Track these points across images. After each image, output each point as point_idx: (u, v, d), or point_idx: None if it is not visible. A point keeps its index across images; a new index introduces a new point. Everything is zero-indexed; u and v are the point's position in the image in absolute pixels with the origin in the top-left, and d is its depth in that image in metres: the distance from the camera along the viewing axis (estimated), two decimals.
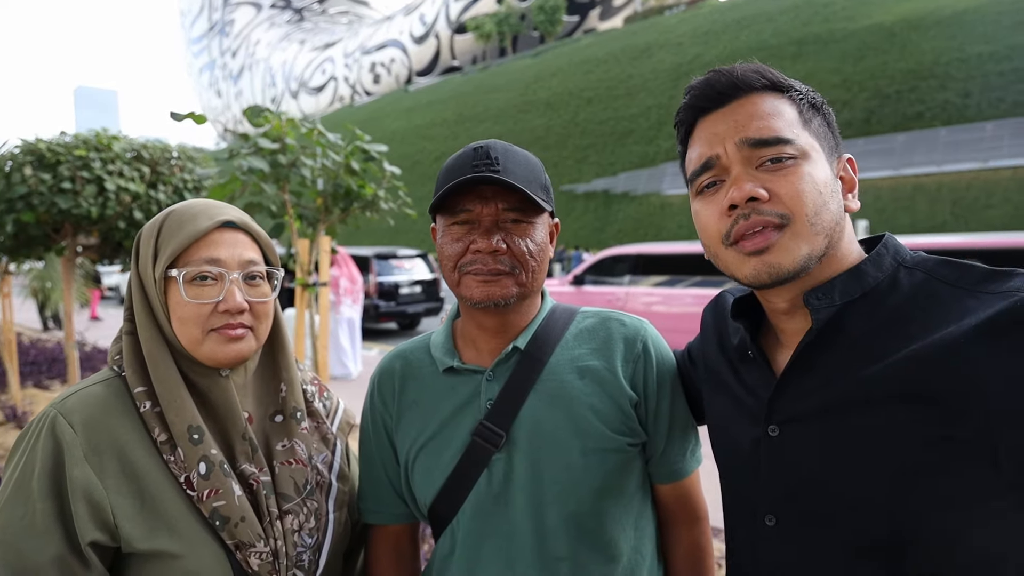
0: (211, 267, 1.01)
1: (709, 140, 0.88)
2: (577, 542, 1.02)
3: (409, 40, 79.57)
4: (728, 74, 0.87)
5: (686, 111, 0.92)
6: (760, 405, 0.89)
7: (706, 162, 0.88)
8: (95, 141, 5.05)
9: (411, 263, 13.52)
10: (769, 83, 0.87)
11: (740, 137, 0.84)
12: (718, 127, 0.87)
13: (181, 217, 1.04)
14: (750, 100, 0.86)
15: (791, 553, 0.84)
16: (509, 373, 1.07)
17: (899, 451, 0.75)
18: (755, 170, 0.84)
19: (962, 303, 0.76)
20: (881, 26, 31.99)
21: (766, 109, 0.85)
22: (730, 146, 0.85)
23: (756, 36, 37.15)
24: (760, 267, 0.83)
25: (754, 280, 0.85)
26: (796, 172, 0.82)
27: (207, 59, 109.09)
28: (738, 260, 0.85)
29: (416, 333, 13.33)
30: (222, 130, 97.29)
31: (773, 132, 0.83)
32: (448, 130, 49.97)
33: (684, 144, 0.95)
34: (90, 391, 0.99)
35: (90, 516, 0.89)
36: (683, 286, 8.05)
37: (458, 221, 1.04)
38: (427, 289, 13.38)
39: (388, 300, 12.59)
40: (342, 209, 3.76)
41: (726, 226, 0.85)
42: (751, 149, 0.84)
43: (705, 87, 0.89)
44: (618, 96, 41.01)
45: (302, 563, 1.03)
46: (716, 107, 0.88)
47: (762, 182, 0.83)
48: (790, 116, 0.85)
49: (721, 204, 0.86)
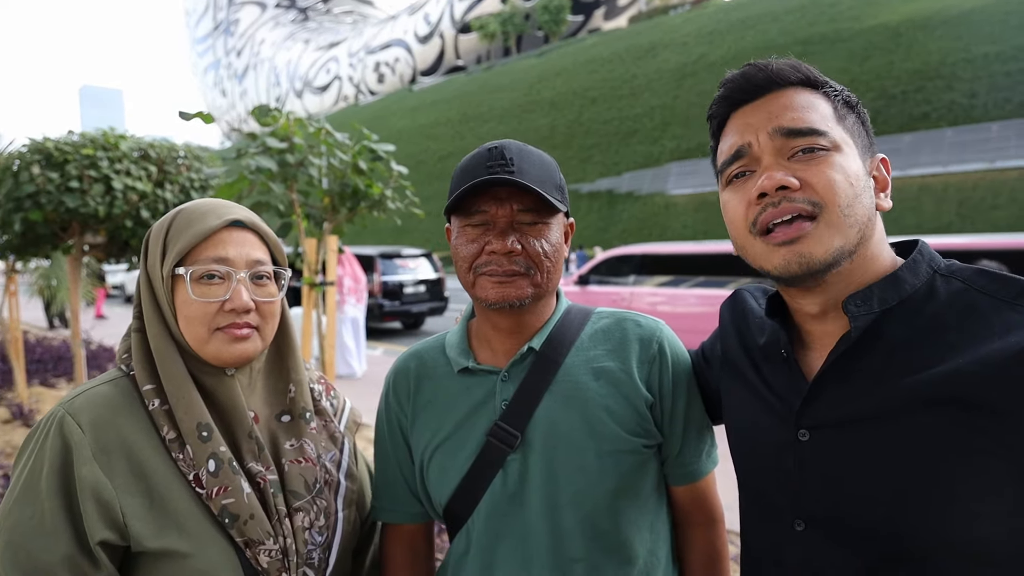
0: (218, 266, 1.00)
1: (741, 130, 0.88)
2: (592, 544, 1.02)
3: (413, 39, 79.64)
4: (764, 68, 0.87)
5: (720, 103, 0.92)
6: (788, 409, 0.88)
7: (737, 151, 0.88)
8: (102, 140, 5.06)
9: (415, 262, 13.51)
10: (804, 78, 0.87)
11: (773, 127, 0.84)
12: (751, 118, 0.87)
13: (190, 216, 1.03)
14: (785, 93, 0.86)
15: (820, 559, 0.84)
16: (524, 374, 1.07)
17: (937, 462, 0.74)
18: (787, 160, 0.83)
19: (1002, 316, 0.75)
20: (887, 26, 31.91)
21: (800, 102, 0.85)
22: (762, 136, 0.85)
23: (762, 36, 37.09)
24: (791, 257, 0.82)
25: (784, 271, 0.83)
26: (828, 162, 0.81)
27: (212, 58, 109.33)
28: (767, 250, 0.84)
29: (420, 332, 13.35)
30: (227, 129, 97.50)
31: (807, 123, 0.83)
32: (453, 129, 50.00)
33: (716, 138, 0.95)
34: (98, 391, 0.99)
35: (99, 515, 0.89)
36: (687, 286, 8.04)
37: (473, 222, 1.03)
38: (431, 288, 13.37)
39: (392, 299, 12.58)
40: (349, 208, 3.76)
41: (754, 213, 0.85)
42: (784, 139, 0.83)
43: (741, 80, 0.89)
44: (623, 96, 40.98)
45: (312, 561, 1.03)
46: (751, 99, 0.88)
47: (793, 172, 0.82)
48: (824, 110, 0.85)
49: (750, 193, 0.85)
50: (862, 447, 0.80)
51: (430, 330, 13.62)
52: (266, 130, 3.50)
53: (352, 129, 3.85)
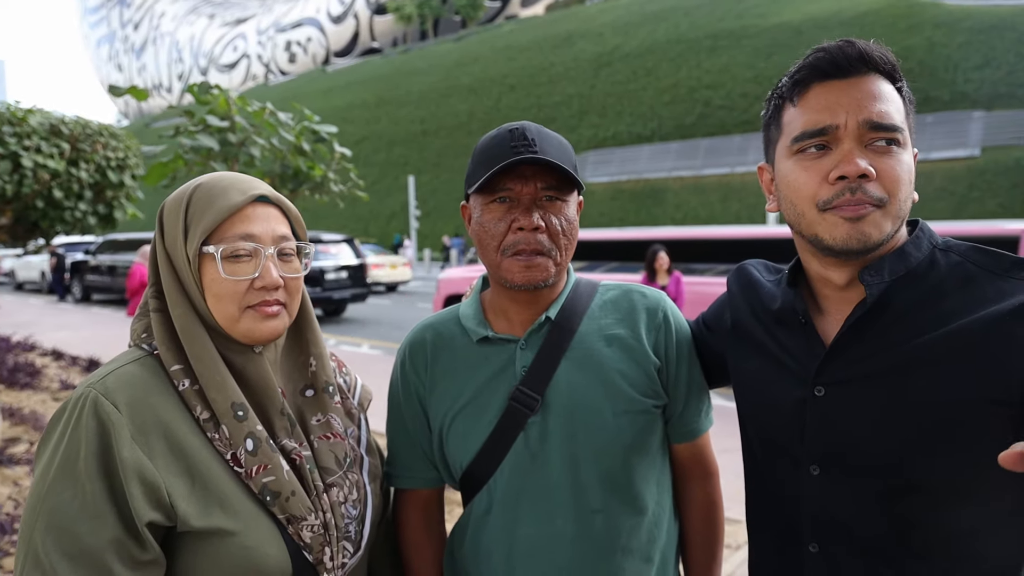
0: (246, 243, 1.00)
1: (830, 108, 0.91)
2: (610, 496, 1.10)
3: (327, 19, 77.19)
4: (860, 48, 0.91)
5: (808, 70, 0.94)
6: (804, 368, 0.99)
7: (822, 128, 0.91)
8: (8, 114, 4.73)
9: (336, 248, 13.22)
10: (891, 67, 0.92)
11: (863, 117, 0.89)
12: (841, 98, 0.90)
13: (211, 191, 1.02)
14: (872, 79, 0.91)
15: (836, 497, 0.96)
16: (541, 341, 1.14)
17: (937, 410, 0.87)
18: (864, 148, 0.90)
19: (996, 285, 0.88)
20: (790, 24, 33.51)
21: (887, 93, 0.91)
22: (852, 121, 0.89)
23: (674, 29, 38.16)
24: (853, 232, 0.89)
25: (844, 244, 0.90)
26: (898, 158, 0.90)
27: (106, 30, 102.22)
28: (832, 223, 0.91)
29: (342, 320, 13.10)
30: (123, 107, 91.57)
31: (892, 119, 0.89)
32: (369, 113, 48.94)
33: (788, 99, 0.97)
34: (127, 370, 0.96)
35: (145, 497, 0.88)
36: (602, 271, 8.32)
37: (497, 199, 1.09)
38: (353, 274, 13.13)
39: (313, 286, 12.28)
40: (291, 190, 3.68)
41: (829, 194, 0.91)
42: (870, 130, 0.89)
43: (836, 52, 0.91)
44: (540, 83, 41.28)
45: (348, 534, 1.05)
46: (839, 76, 0.91)
47: (870, 160, 0.89)
48: (900, 105, 0.92)
49: (826, 171, 0.91)
50: (871, 400, 0.92)
51: (352, 318, 13.40)
52: (202, 108, 3.37)
53: (291, 109, 3.77)
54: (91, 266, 16.34)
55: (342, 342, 10.36)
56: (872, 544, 0.93)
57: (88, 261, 16.49)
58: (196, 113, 3.33)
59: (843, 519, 0.95)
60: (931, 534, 0.89)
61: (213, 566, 0.92)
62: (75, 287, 16.90)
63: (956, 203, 24.19)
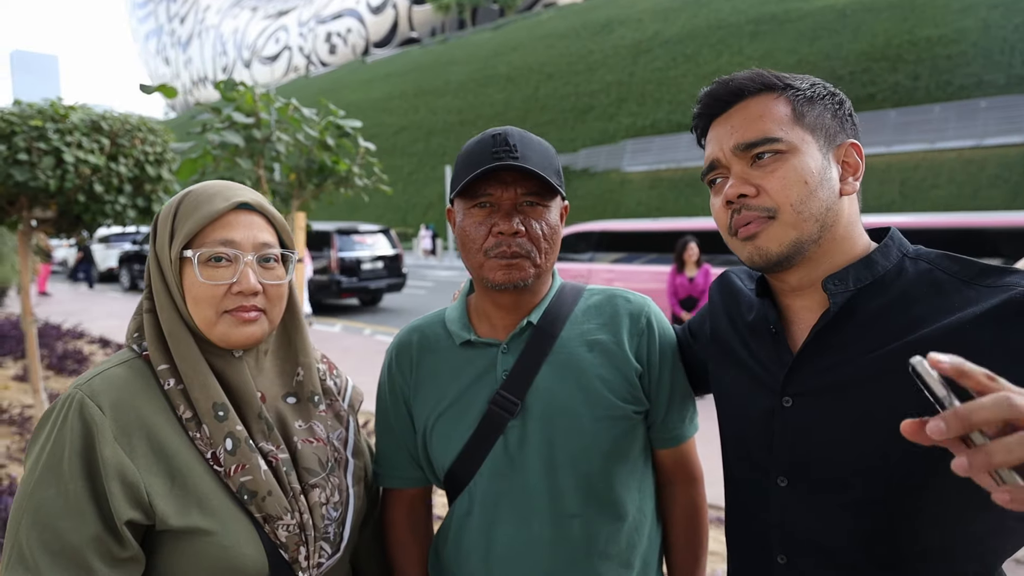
0: (226, 249, 1.02)
1: (712, 143, 1.01)
2: (588, 501, 1.10)
3: (366, 10, 77.78)
4: (727, 83, 0.99)
5: (699, 118, 1.04)
6: (774, 378, 0.98)
7: (712, 163, 1.01)
8: (51, 111, 4.89)
9: (373, 238, 13.39)
10: (763, 85, 0.97)
11: (734, 143, 0.96)
12: (719, 131, 0.99)
13: (197, 198, 1.05)
14: (745, 105, 0.97)
15: (803, 509, 0.94)
16: (523, 346, 1.15)
17: (906, 417, 0.84)
18: (750, 167, 0.95)
19: (962, 293, 0.86)
20: (834, 7, 32.59)
21: (758, 111, 0.96)
22: (727, 149, 0.97)
23: (715, 14, 37.47)
24: (752, 251, 0.96)
25: (749, 262, 0.98)
26: (784, 166, 0.92)
27: (154, 25, 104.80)
28: (738, 245, 0.99)
29: (378, 309, 13.28)
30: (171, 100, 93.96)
31: (760, 133, 0.94)
32: (407, 103, 49.27)
33: (700, 140, 1.08)
34: (114, 372, 1.00)
35: (125, 496, 0.91)
36: (641, 263, 8.21)
37: (479, 204, 1.10)
38: (389, 265, 13.29)
39: (350, 276, 12.48)
40: (316, 185, 3.74)
41: (726, 218, 0.98)
42: (743, 151, 0.95)
43: (710, 97, 1.01)
44: (578, 71, 40.98)
45: (328, 535, 1.07)
46: (720, 112, 1.00)
47: (753, 179, 0.94)
48: (780, 114, 0.94)
49: (722, 199, 0.98)
50: (837, 410, 0.90)
51: (388, 307, 13.58)
52: (229, 105, 3.44)
53: (319, 104, 3.82)
54: (140, 256, 16.87)
55: (378, 331, 10.50)
56: (840, 557, 0.91)
57: (138, 251, 17.03)
58: (223, 110, 3.40)
59: (811, 531, 0.93)
60: (899, 547, 0.87)
61: (192, 564, 0.95)
62: (123, 276, 17.48)
63: (1010, 191, 23.28)
